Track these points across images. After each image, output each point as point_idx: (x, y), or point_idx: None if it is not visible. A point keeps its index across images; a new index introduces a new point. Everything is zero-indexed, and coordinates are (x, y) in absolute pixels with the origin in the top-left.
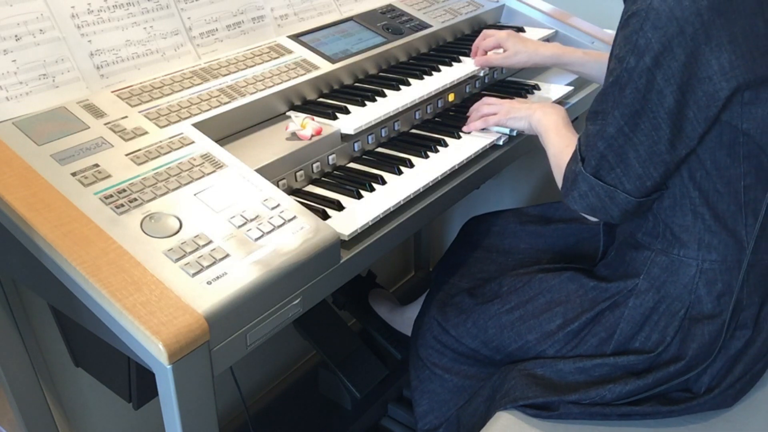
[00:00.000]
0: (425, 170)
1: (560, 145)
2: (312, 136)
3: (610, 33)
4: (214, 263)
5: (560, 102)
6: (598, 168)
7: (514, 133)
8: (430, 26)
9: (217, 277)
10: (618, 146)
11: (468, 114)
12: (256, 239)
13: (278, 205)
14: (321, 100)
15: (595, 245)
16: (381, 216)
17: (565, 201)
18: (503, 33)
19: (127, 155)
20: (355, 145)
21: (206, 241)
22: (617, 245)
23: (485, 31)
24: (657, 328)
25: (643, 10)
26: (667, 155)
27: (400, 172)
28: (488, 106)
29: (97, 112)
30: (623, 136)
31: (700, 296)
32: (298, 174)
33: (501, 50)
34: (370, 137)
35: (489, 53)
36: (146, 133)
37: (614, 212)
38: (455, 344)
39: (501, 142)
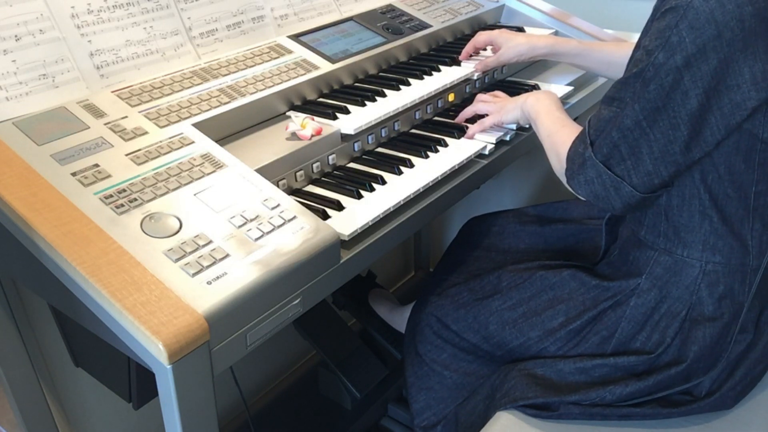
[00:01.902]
0: (425, 170)
1: (554, 126)
2: (312, 136)
3: (611, 33)
4: (214, 263)
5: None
6: (608, 157)
7: (508, 137)
8: (430, 26)
9: (217, 277)
10: (633, 139)
11: (463, 120)
12: (256, 239)
13: (278, 205)
14: (321, 100)
15: (596, 245)
16: (381, 216)
17: (568, 183)
18: (495, 31)
19: (127, 155)
20: (355, 145)
21: (206, 241)
22: (620, 244)
23: (480, 32)
24: (657, 328)
25: (682, 7)
26: (681, 156)
27: (400, 172)
28: (483, 104)
29: (97, 112)
30: (640, 129)
31: (702, 298)
32: (298, 174)
33: (494, 50)
34: (370, 137)
35: (482, 54)
36: (146, 133)
37: (617, 203)
38: (456, 339)
39: (495, 141)
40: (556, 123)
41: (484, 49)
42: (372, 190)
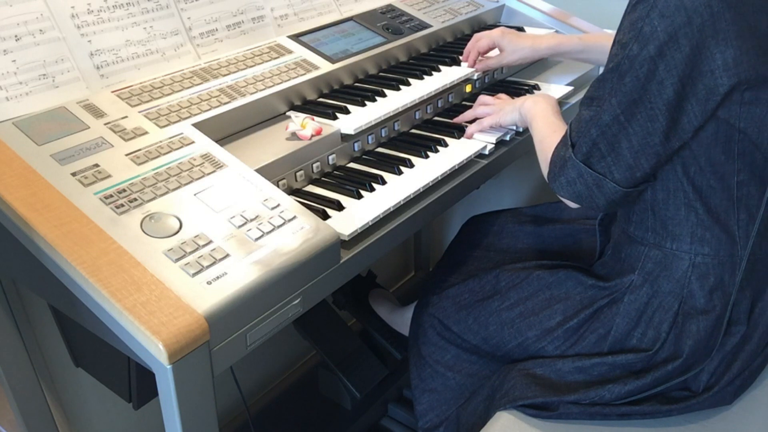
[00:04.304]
0: (425, 170)
1: (546, 131)
2: (312, 136)
3: (611, 33)
4: (214, 263)
5: (560, 102)
6: (588, 155)
7: (507, 137)
8: (430, 26)
9: (217, 277)
10: (612, 134)
11: (463, 121)
12: (256, 239)
13: (278, 205)
14: (321, 100)
15: (592, 246)
16: (381, 216)
17: (551, 186)
18: (497, 32)
19: (127, 155)
20: (355, 145)
21: (206, 241)
22: (613, 243)
23: (477, 34)
24: (652, 324)
25: None
26: (660, 147)
27: (400, 172)
28: (483, 106)
29: (97, 112)
30: (618, 124)
31: (693, 291)
32: (298, 174)
33: (496, 51)
34: (370, 137)
35: (485, 56)
36: (146, 133)
37: (600, 201)
38: (458, 341)
39: (495, 141)
40: (549, 128)
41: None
42: (372, 190)
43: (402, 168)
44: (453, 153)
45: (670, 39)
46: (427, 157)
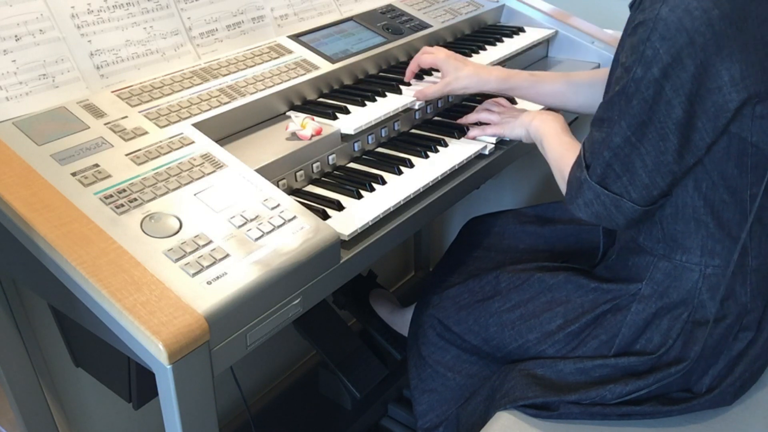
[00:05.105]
0: (425, 170)
1: (560, 150)
2: (312, 136)
3: (611, 33)
4: (214, 263)
5: None
6: (603, 177)
7: (507, 137)
8: (430, 26)
9: (217, 277)
10: (624, 156)
11: (465, 122)
12: (256, 239)
13: (278, 205)
14: (321, 100)
15: (595, 246)
16: (381, 216)
17: (570, 208)
18: (442, 54)
19: (127, 155)
20: (355, 145)
21: (206, 241)
22: (619, 249)
23: (425, 48)
24: (659, 330)
25: (651, 20)
26: (675, 165)
27: (400, 172)
28: (486, 112)
29: (97, 112)
30: (630, 145)
31: (703, 301)
32: (298, 174)
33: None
34: (370, 137)
35: (427, 79)
36: (146, 133)
37: (620, 220)
38: (458, 341)
39: (495, 141)
40: (562, 146)
41: (430, 74)
42: (372, 190)
43: (402, 168)
44: (453, 153)
45: (673, 60)
46: (427, 157)
